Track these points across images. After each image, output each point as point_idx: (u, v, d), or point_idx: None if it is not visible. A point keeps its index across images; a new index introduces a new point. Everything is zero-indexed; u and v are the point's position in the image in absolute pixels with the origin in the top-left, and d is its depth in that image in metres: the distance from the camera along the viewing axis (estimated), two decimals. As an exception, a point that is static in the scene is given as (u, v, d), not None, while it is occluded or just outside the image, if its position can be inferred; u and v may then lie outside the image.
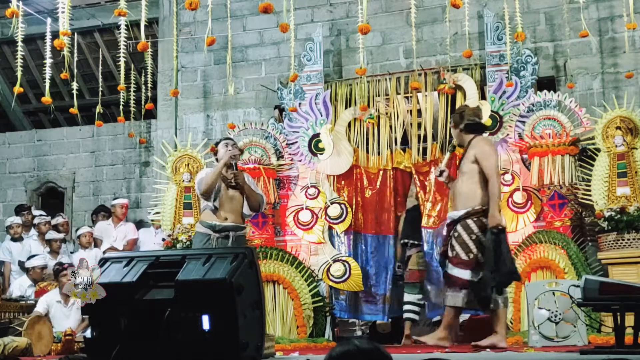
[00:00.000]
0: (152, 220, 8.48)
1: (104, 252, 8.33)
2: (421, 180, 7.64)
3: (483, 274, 5.51)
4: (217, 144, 6.03)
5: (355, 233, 7.75)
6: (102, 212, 9.05)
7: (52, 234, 8.45)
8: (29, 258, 8.03)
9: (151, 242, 8.33)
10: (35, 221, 8.72)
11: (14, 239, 8.63)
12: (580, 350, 4.64)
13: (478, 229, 5.50)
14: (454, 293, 5.53)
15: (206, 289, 3.93)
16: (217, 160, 5.95)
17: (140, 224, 9.07)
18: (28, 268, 7.89)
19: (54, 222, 8.83)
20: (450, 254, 5.58)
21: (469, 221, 5.53)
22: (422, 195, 7.56)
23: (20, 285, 7.87)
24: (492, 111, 7.36)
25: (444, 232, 5.84)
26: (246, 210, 5.90)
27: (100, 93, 8.40)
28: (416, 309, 7.22)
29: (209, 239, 5.70)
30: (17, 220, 8.76)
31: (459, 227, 5.55)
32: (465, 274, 5.50)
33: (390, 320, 7.76)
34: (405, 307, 7.22)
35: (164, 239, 7.85)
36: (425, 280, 7.35)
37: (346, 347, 2.40)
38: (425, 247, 7.41)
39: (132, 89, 8.40)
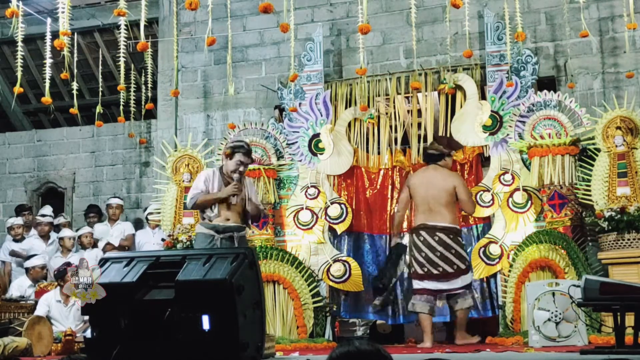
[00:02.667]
0: (148, 220, 8.47)
1: (104, 252, 8.34)
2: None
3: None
4: (233, 149, 5.74)
5: (355, 233, 7.75)
6: (91, 212, 9.06)
7: (66, 232, 8.43)
8: (28, 258, 8.02)
9: (150, 242, 8.33)
10: (37, 219, 8.72)
11: (15, 240, 8.63)
12: (580, 350, 4.65)
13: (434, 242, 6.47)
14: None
15: (206, 289, 3.93)
16: (227, 159, 5.79)
17: (140, 224, 9.07)
18: (28, 268, 7.89)
19: (55, 222, 8.84)
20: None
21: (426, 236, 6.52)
22: None
23: (19, 286, 7.87)
24: (492, 111, 7.36)
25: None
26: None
27: (100, 93, 8.39)
28: None
29: (213, 239, 5.67)
30: (18, 221, 8.76)
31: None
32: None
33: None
34: None
35: (163, 239, 7.85)
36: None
37: (346, 348, 2.40)
38: None
39: (132, 89, 8.40)
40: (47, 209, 8.93)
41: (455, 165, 7.54)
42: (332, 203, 7.66)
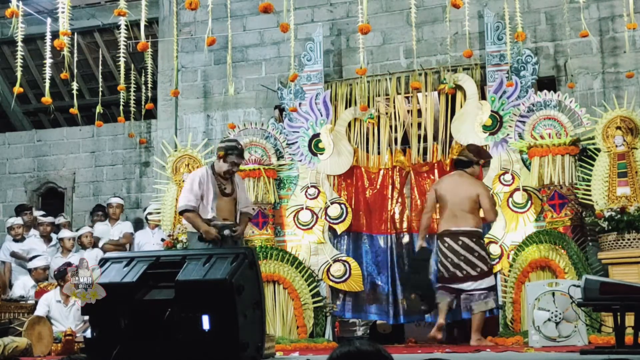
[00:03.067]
0: (147, 220, 8.47)
1: (102, 249, 8.35)
2: (418, 180, 7.64)
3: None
4: (226, 150, 5.76)
5: (355, 233, 7.74)
6: (99, 211, 9.07)
7: (65, 233, 8.44)
8: (31, 259, 8.02)
9: (150, 243, 8.33)
10: (38, 219, 8.73)
11: (15, 240, 8.63)
12: (580, 350, 4.65)
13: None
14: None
15: (206, 289, 3.93)
16: (220, 161, 5.79)
17: (140, 224, 9.07)
18: (30, 269, 7.89)
19: (56, 222, 8.83)
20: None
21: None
22: (417, 197, 7.60)
23: (24, 285, 7.87)
24: (492, 111, 7.37)
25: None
26: None
27: (100, 93, 8.39)
28: None
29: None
30: (18, 221, 8.76)
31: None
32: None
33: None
34: None
35: (163, 239, 7.85)
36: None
37: (347, 348, 2.40)
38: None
39: (132, 89, 8.40)
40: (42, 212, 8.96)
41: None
42: (332, 203, 7.66)
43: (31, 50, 10.06)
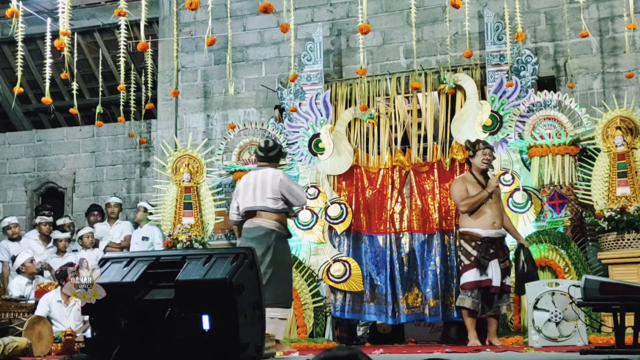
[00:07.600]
0: (144, 219, 8.48)
1: (105, 251, 8.35)
2: (418, 180, 7.64)
3: None
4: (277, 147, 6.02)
5: (354, 233, 7.74)
6: (95, 211, 9.08)
7: (57, 234, 8.45)
8: (13, 259, 8.05)
9: (132, 242, 8.39)
10: (37, 221, 8.74)
11: (12, 239, 8.64)
12: (580, 350, 4.64)
13: None
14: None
15: (206, 289, 3.93)
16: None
17: (139, 223, 9.08)
18: (19, 268, 7.89)
19: (60, 222, 8.84)
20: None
21: None
22: (416, 197, 7.58)
23: (18, 285, 7.87)
24: (492, 111, 7.37)
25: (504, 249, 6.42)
26: None
27: (100, 93, 8.39)
28: None
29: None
30: (14, 220, 8.79)
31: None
32: None
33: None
34: None
35: (144, 237, 7.87)
36: (422, 285, 7.38)
37: (323, 355, 2.42)
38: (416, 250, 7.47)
39: (132, 89, 8.40)
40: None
41: (455, 165, 7.54)
42: (332, 203, 7.66)
43: (31, 50, 10.06)
